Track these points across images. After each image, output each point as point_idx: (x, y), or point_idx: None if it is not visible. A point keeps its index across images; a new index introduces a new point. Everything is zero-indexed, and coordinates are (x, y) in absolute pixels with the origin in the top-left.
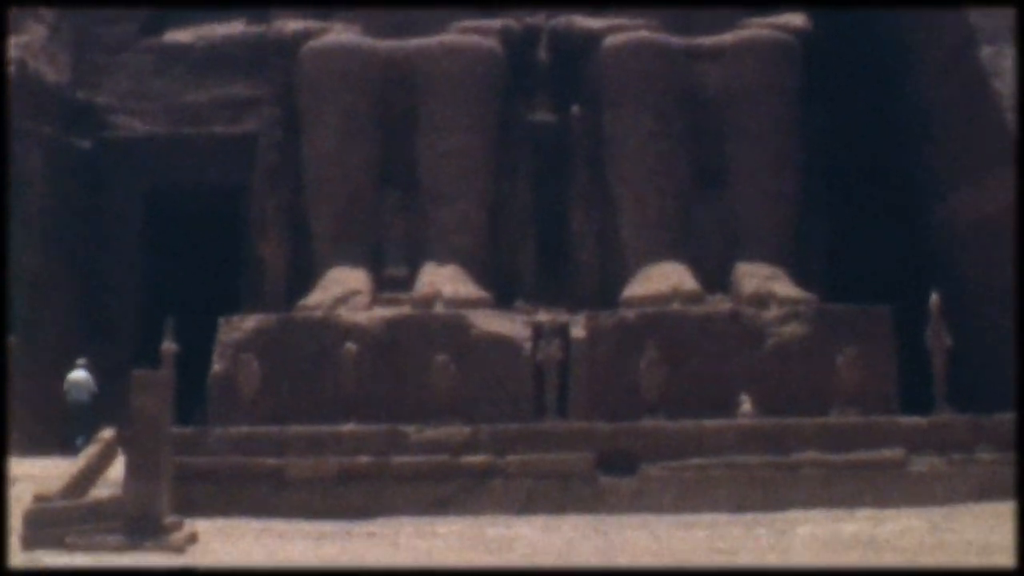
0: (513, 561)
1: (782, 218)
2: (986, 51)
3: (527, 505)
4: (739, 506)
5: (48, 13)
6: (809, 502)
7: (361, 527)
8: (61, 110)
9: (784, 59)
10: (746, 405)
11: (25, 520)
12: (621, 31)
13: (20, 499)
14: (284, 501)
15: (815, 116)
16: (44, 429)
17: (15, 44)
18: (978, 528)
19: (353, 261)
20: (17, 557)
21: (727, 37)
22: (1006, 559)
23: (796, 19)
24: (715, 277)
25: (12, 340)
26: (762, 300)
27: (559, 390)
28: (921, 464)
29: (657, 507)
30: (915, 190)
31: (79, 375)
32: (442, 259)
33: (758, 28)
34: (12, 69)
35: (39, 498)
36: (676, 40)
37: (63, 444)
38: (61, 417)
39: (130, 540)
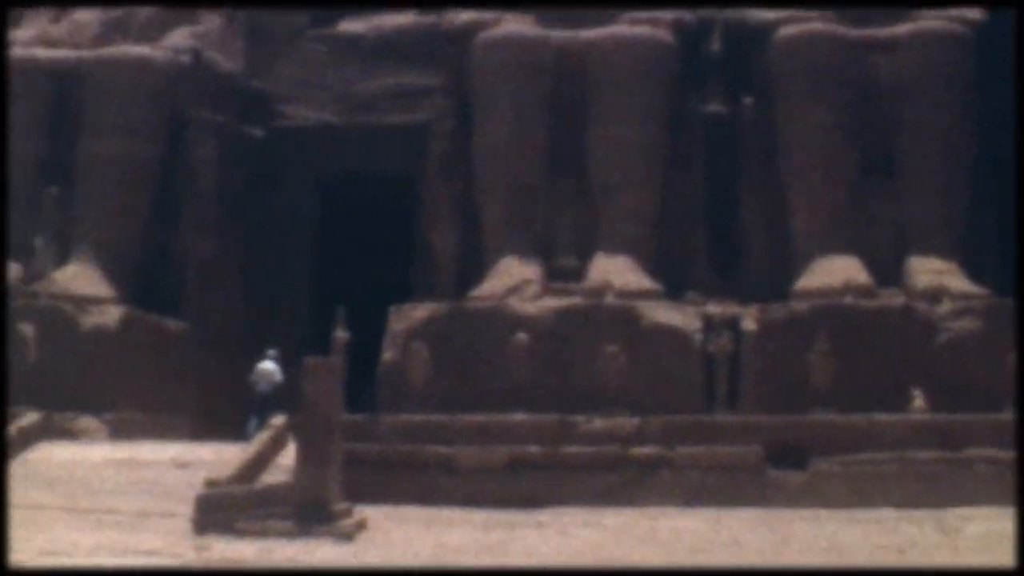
0: (678, 553)
1: (954, 211)
2: None
3: (695, 497)
4: (909, 502)
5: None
6: (980, 499)
7: (529, 516)
8: (234, 99)
9: (958, 51)
10: (918, 400)
11: (197, 505)
12: (794, 22)
13: (192, 484)
14: (453, 489)
15: (988, 108)
16: (216, 414)
17: (191, 34)
18: None
19: (524, 251)
20: (188, 541)
21: (901, 28)
22: None
23: (971, 12)
24: (887, 271)
25: (182, 326)
26: (935, 295)
27: (729, 382)
28: None
29: (826, 501)
30: None
31: (267, 366)
32: (613, 249)
33: (932, 20)
34: (187, 58)
35: (210, 483)
36: (850, 32)
37: (241, 430)
38: (242, 404)
39: (300, 526)
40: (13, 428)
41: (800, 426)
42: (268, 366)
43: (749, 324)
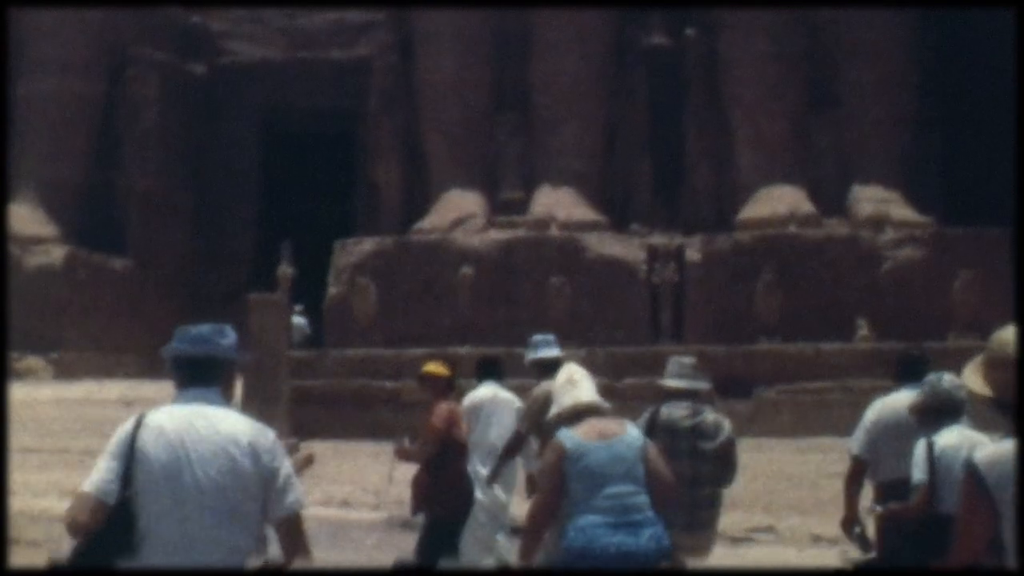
0: None
1: (898, 140)
2: None
3: None
4: (854, 430)
5: None
6: None
7: None
8: (176, 35)
9: None
10: (863, 329)
11: None
12: None
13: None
14: (400, 424)
15: (930, 35)
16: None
17: None
18: None
19: (468, 184)
20: None
21: None
22: None
23: None
24: (831, 200)
25: (127, 264)
26: (878, 223)
27: (674, 313)
28: None
29: (772, 430)
30: None
31: (296, 320)
32: (557, 182)
33: None
34: None
35: None
36: None
37: None
38: None
39: None
40: None
41: (745, 356)
42: (297, 320)
43: (693, 255)
